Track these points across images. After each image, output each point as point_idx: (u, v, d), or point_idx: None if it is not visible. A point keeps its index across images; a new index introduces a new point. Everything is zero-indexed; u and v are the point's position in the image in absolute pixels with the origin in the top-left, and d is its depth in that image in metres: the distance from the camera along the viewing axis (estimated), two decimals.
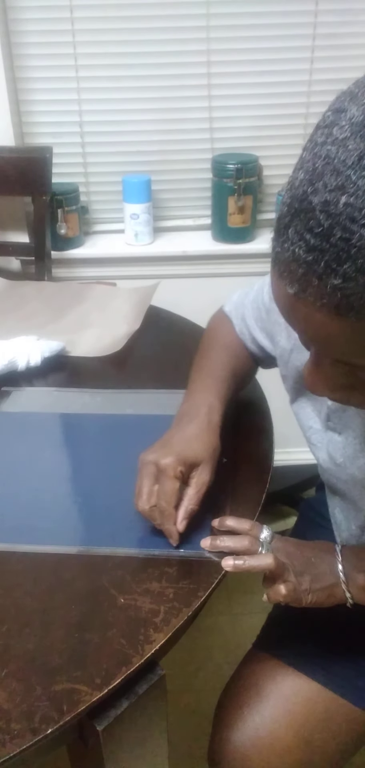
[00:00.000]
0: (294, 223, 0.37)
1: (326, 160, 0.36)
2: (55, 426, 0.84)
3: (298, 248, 0.36)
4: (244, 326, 0.81)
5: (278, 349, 0.72)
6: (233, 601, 1.58)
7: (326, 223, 0.35)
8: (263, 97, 1.50)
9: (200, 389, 0.73)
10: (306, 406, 0.69)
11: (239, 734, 0.71)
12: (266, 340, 0.78)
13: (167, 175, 1.57)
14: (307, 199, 0.36)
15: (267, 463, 0.75)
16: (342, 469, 0.65)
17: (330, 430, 0.65)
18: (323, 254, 0.35)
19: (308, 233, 0.36)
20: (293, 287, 0.38)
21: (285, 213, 0.38)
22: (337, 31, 1.44)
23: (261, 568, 0.59)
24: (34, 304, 1.17)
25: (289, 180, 0.39)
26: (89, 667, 0.50)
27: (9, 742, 0.45)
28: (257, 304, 0.78)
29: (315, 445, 0.69)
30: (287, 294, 0.39)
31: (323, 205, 0.35)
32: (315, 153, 0.37)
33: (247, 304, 0.81)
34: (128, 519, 0.66)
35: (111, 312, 1.13)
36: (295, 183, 0.38)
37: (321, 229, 0.35)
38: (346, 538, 0.72)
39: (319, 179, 0.35)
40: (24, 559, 0.61)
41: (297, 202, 0.37)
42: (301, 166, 0.38)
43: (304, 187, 0.36)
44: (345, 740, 0.71)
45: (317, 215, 0.35)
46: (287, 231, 0.37)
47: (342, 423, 0.63)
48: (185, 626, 0.55)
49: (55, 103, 1.49)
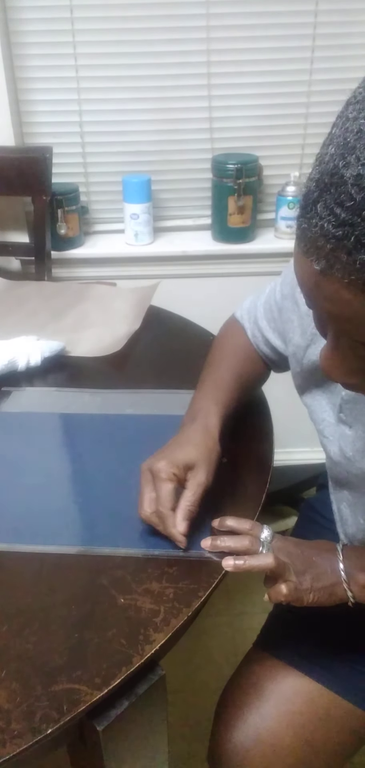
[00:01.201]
0: (323, 197, 0.36)
1: (359, 134, 0.35)
2: (55, 426, 0.84)
3: (327, 223, 0.36)
4: (257, 329, 0.81)
5: (291, 347, 0.71)
6: (233, 601, 1.58)
7: (358, 197, 0.34)
8: (263, 97, 1.50)
9: (200, 397, 0.74)
10: (321, 399, 0.69)
11: (239, 734, 0.71)
12: (278, 340, 0.78)
13: (167, 175, 1.57)
14: (339, 173, 0.35)
15: (267, 463, 0.75)
16: (352, 463, 0.65)
17: (342, 423, 0.65)
18: (354, 228, 0.34)
19: (338, 207, 0.35)
20: (319, 263, 0.37)
21: (313, 188, 0.37)
22: (337, 31, 1.44)
23: (262, 567, 0.59)
24: (34, 304, 1.17)
25: (317, 156, 0.38)
26: (89, 667, 0.50)
27: (9, 742, 0.45)
28: (270, 305, 0.78)
29: (328, 438, 0.69)
30: (312, 271, 0.38)
31: (356, 178, 0.34)
32: (346, 128, 0.36)
33: (259, 307, 0.81)
34: (128, 519, 0.66)
35: (111, 312, 1.13)
36: (324, 158, 0.37)
37: (352, 203, 0.34)
38: (353, 533, 0.71)
39: (352, 153, 0.35)
40: (24, 559, 0.61)
41: (328, 177, 0.36)
42: (331, 142, 0.37)
43: (335, 161, 0.36)
44: (345, 740, 0.71)
45: (349, 189, 0.34)
46: (315, 206, 0.37)
47: (353, 416, 0.63)
48: (185, 626, 0.55)
49: (55, 103, 1.49)
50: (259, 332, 0.81)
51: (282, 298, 0.75)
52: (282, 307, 0.74)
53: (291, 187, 1.47)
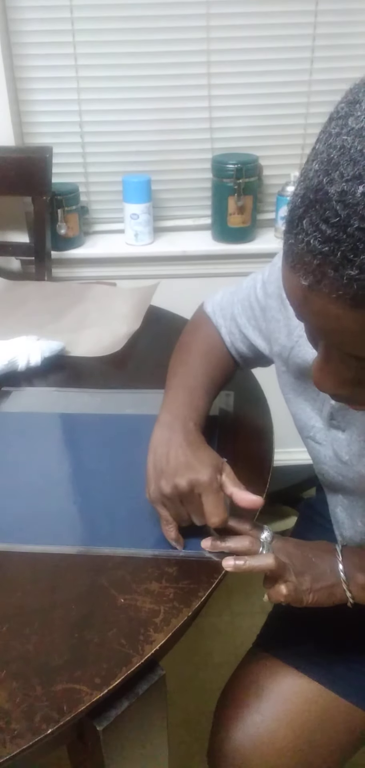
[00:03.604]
0: (309, 213, 0.36)
1: (341, 151, 0.35)
2: (55, 426, 0.84)
3: (313, 239, 0.36)
4: (234, 326, 0.79)
5: (276, 347, 0.71)
6: (233, 601, 1.58)
7: (343, 213, 0.34)
8: (263, 97, 1.50)
9: (179, 403, 0.70)
10: (306, 407, 0.69)
11: (239, 734, 0.71)
12: (260, 339, 0.76)
13: (167, 175, 1.57)
14: (323, 189, 0.35)
15: (267, 463, 0.75)
16: (349, 467, 0.65)
17: (334, 428, 0.65)
18: (339, 244, 0.35)
19: (324, 224, 0.35)
20: (307, 279, 0.37)
21: (299, 204, 0.37)
22: (337, 31, 1.44)
23: (262, 568, 0.59)
24: (34, 304, 1.17)
25: (302, 172, 0.39)
26: (89, 667, 0.50)
27: (9, 742, 0.45)
28: (250, 302, 0.76)
29: (320, 443, 0.69)
30: (300, 286, 0.38)
31: (340, 195, 0.34)
32: (329, 144, 0.36)
33: (236, 304, 0.79)
34: (128, 519, 0.66)
35: (111, 312, 1.13)
36: (309, 174, 0.37)
37: (337, 219, 0.34)
38: (350, 536, 0.71)
39: (335, 169, 0.35)
40: (24, 559, 0.61)
41: (312, 193, 0.36)
42: (315, 158, 0.37)
43: (319, 177, 0.36)
44: (345, 740, 0.71)
45: (333, 205, 0.35)
46: (301, 222, 0.37)
47: (346, 420, 0.63)
48: (185, 626, 0.55)
49: (55, 103, 1.49)
50: (237, 329, 0.78)
51: (265, 297, 0.73)
52: (266, 306, 0.72)
53: (291, 187, 1.46)
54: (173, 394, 0.72)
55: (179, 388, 0.72)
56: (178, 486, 0.59)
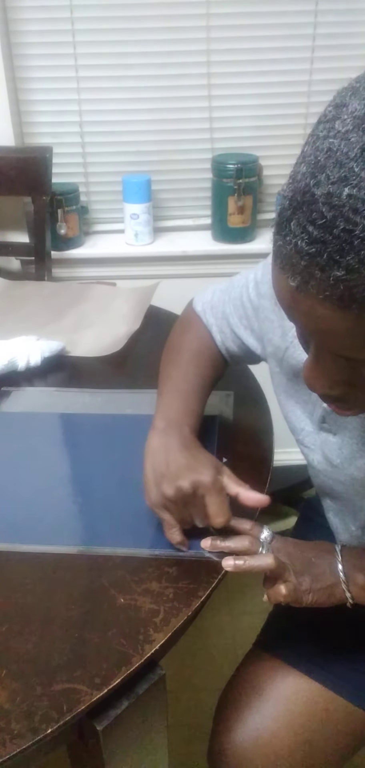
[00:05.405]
0: (296, 215, 0.37)
1: (328, 153, 0.36)
2: (55, 426, 0.84)
3: (300, 240, 0.36)
4: (225, 324, 0.78)
5: (270, 348, 0.70)
6: (233, 601, 1.58)
7: (329, 215, 0.35)
8: (263, 97, 1.50)
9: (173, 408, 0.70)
10: (296, 409, 0.69)
11: (239, 734, 0.71)
12: (251, 338, 0.75)
13: (167, 175, 1.57)
14: (310, 191, 0.36)
15: (267, 463, 0.75)
16: (340, 470, 0.65)
17: (324, 431, 0.65)
18: (326, 246, 0.35)
19: (310, 225, 0.36)
20: (295, 280, 0.38)
21: (287, 206, 0.38)
22: (337, 31, 1.44)
23: (262, 568, 0.59)
24: (34, 304, 1.17)
25: (290, 174, 0.39)
26: (89, 667, 0.50)
27: (9, 742, 0.45)
28: (242, 301, 0.76)
29: (309, 447, 0.69)
30: (289, 287, 0.39)
31: (326, 197, 0.35)
32: (316, 147, 0.37)
33: (228, 303, 0.78)
34: (127, 519, 0.66)
35: (111, 312, 1.13)
36: (297, 176, 0.38)
37: (324, 220, 0.35)
38: (346, 540, 0.71)
39: (322, 172, 0.35)
40: (24, 559, 0.61)
41: (300, 195, 0.37)
42: (303, 160, 0.38)
43: (306, 180, 0.36)
44: (345, 740, 0.71)
45: (320, 207, 0.35)
46: (289, 224, 0.37)
47: (338, 424, 0.63)
48: (185, 626, 0.55)
49: (55, 103, 1.49)
50: (228, 328, 0.77)
51: (258, 297, 0.72)
52: (259, 306, 0.72)
53: None
54: (166, 399, 0.71)
55: (172, 392, 0.72)
56: (181, 488, 0.59)
